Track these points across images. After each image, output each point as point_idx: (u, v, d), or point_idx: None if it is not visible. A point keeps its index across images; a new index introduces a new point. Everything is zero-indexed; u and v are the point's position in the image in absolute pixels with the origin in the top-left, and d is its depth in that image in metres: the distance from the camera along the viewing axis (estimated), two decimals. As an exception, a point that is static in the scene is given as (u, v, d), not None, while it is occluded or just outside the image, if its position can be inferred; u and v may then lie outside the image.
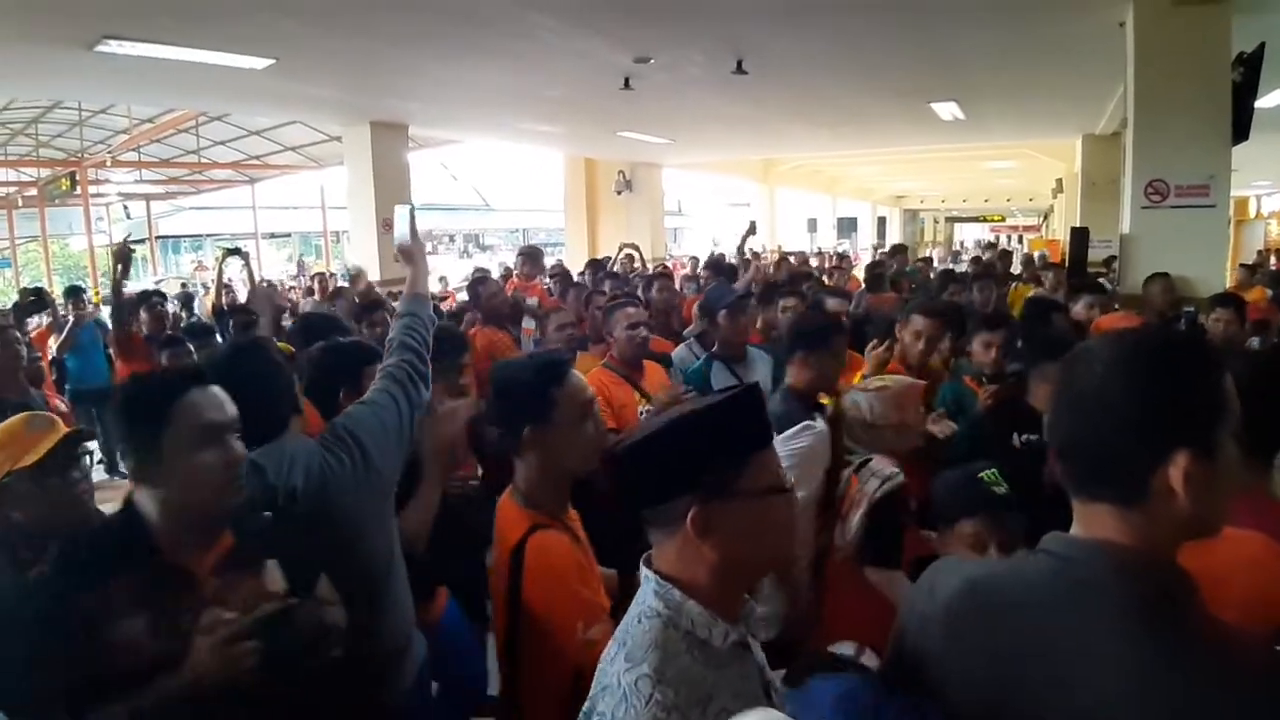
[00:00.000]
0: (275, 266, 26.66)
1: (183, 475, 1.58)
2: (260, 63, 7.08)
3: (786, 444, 2.34)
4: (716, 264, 8.25)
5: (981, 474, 2.21)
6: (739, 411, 1.22)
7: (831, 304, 4.96)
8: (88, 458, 2.18)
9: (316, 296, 9.18)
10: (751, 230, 7.52)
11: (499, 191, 32.33)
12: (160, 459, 1.58)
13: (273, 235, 30.15)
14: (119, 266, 5.10)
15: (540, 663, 1.89)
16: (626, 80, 8.06)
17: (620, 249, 8.52)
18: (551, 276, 7.97)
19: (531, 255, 7.26)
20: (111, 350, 6.11)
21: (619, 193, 15.89)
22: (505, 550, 1.93)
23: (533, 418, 1.96)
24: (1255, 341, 4.94)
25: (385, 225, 10.60)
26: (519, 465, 2.03)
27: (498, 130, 13.08)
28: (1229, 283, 8.33)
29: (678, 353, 4.69)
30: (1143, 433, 1.03)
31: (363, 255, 10.64)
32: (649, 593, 1.22)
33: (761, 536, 1.22)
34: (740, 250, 7.98)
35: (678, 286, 7.61)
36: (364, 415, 2.18)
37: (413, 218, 2.43)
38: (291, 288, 15.67)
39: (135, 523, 1.61)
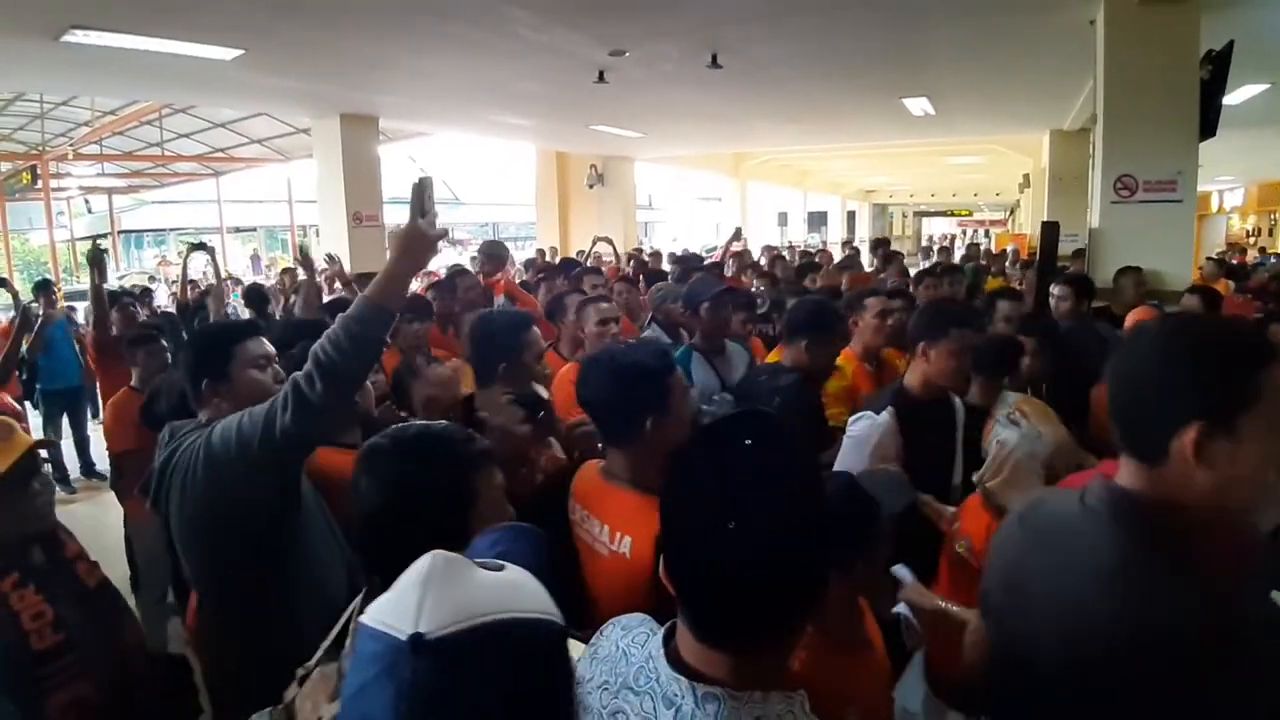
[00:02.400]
0: (240, 261, 26.33)
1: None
2: (229, 53, 6.97)
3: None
4: (685, 260, 8.24)
5: None
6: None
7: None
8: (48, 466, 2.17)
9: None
10: (737, 236, 7.63)
11: (468, 185, 32.13)
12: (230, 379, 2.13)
13: (238, 229, 29.73)
14: (95, 270, 5.12)
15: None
16: (601, 74, 8.05)
17: (594, 242, 8.52)
18: (530, 268, 7.89)
19: (492, 252, 7.22)
20: (89, 350, 6.06)
21: (591, 186, 15.85)
22: (646, 540, 1.87)
23: (655, 409, 1.97)
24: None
25: (356, 219, 10.50)
26: (627, 454, 2.03)
27: (470, 123, 12.98)
28: (1194, 277, 8.49)
29: (645, 337, 4.72)
30: (1164, 402, 1.19)
31: (334, 250, 10.51)
32: (730, 711, 0.97)
33: (1244, 478, 1.12)
34: (726, 250, 8.06)
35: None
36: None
37: (430, 191, 1.93)
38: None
39: None
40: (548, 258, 12.20)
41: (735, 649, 0.98)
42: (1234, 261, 13.64)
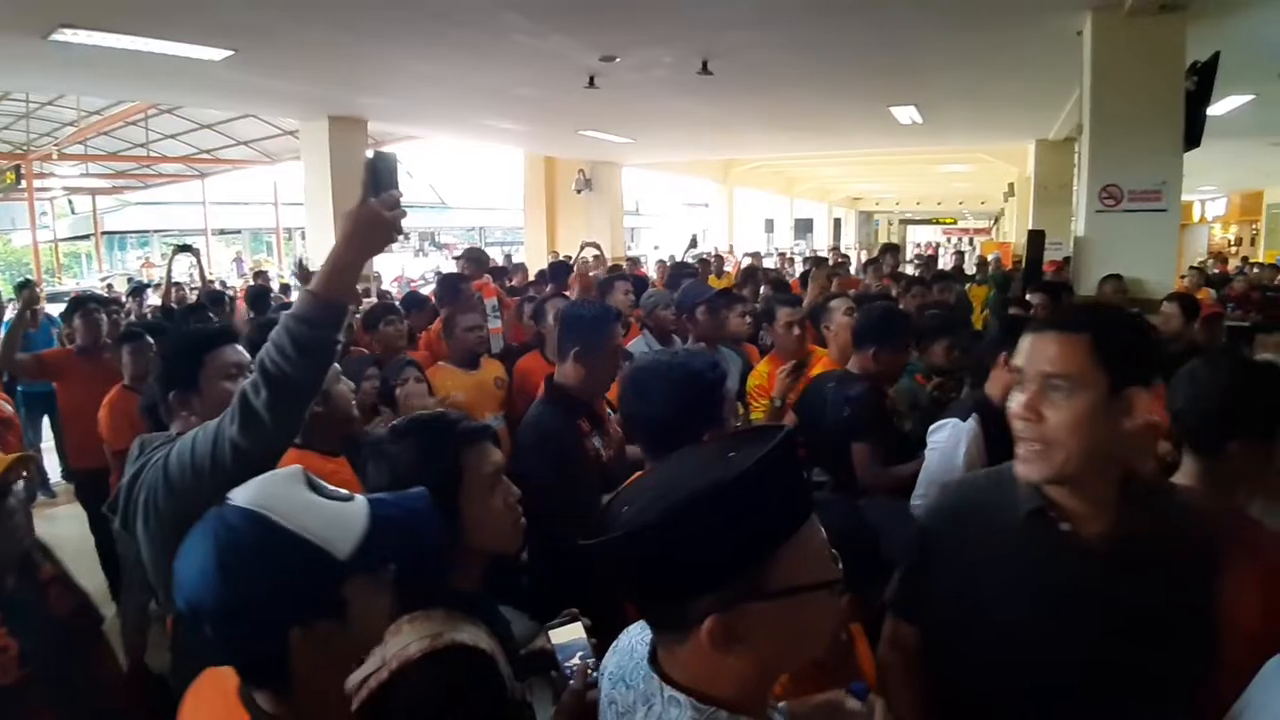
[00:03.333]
0: (223, 264, 26.18)
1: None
2: (219, 54, 6.94)
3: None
4: (677, 269, 8.25)
5: None
6: (769, 484, 0.92)
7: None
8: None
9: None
10: (693, 243, 7.66)
11: (455, 189, 32.06)
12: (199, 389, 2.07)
13: (222, 232, 29.58)
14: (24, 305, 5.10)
15: None
16: (591, 79, 8.07)
17: (581, 247, 8.51)
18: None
19: (475, 257, 7.24)
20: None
21: (579, 191, 15.83)
22: None
23: (713, 420, 1.99)
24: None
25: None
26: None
27: (460, 127, 12.98)
28: (1177, 285, 8.59)
29: (634, 344, 4.74)
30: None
31: (321, 254, 10.46)
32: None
33: (800, 640, 0.98)
34: (684, 258, 8.08)
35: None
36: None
37: (392, 170, 1.69)
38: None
39: None
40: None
41: (668, 642, 1.00)
42: (1216, 270, 13.80)
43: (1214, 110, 6.60)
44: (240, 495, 1.09)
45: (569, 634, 1.63)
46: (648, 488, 1.02)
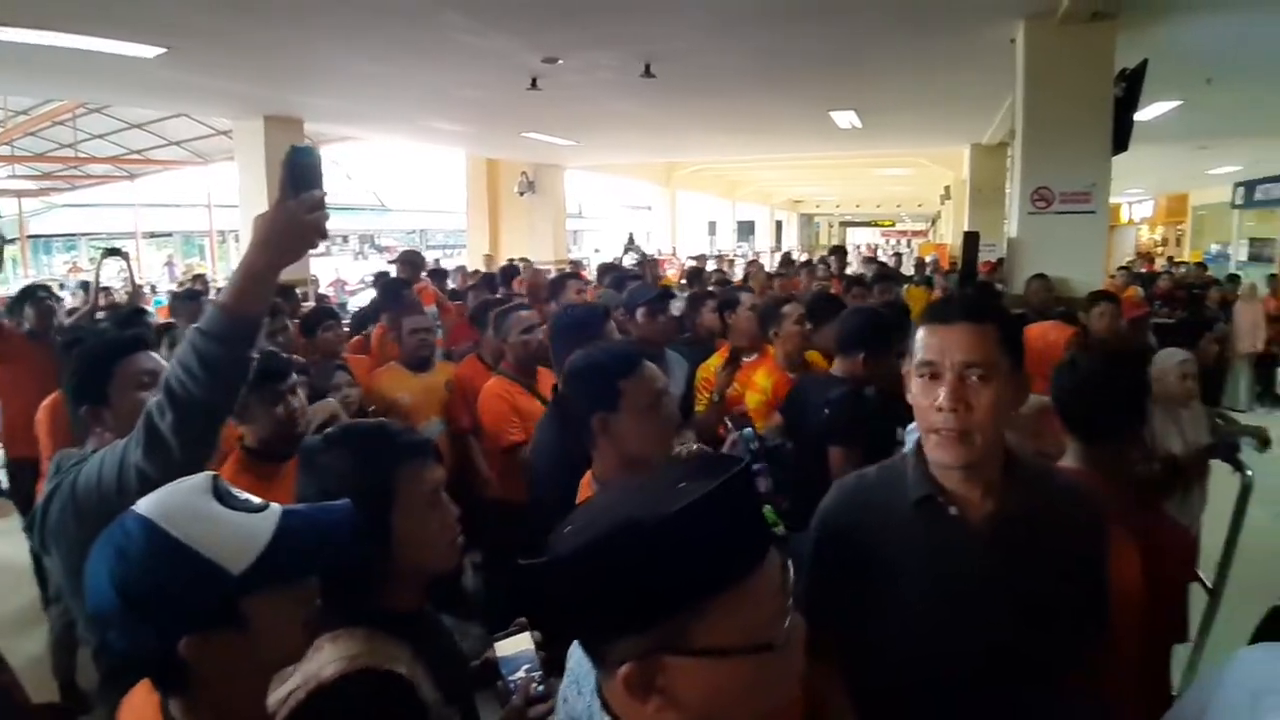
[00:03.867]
0: (154, 268, 25.45)
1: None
2: (151, 51, 6.75)
3: None
4: (604, 270, 8.27)
5: None
6: (700, 530, 0.80)
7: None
8: None
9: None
10: (630, 243, 7.71)
11: (396, 191, 31.68)
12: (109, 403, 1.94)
13: (153, 235, 28.76)
14: None
15: None
16: (534, 80, 8.02)
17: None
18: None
19: (410, 260, 7.19)
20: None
21: (521, 193, 15.75)
22: None
23: (604, 405, 1.96)
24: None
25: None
26: (595, 455, 2.04)
27: (400, 128, 12.81)
28: (1106, 284, 8.88)
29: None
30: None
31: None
32: None
33: (734, 704, 0.84)
34: (621, 260, 8.10)
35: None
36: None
37: (314, 167, 1.51)
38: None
39: None
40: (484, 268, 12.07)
41: (600, 675, 0.91)
42: (1143, 270, 14.28)
43: (1142, 116, 6.82)
44: (143, 503, 1.09)
45: (516, 645, 1.58)
46: (587, 511, 0.93)
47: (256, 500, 1.14)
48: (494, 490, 3.85)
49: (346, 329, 4.89)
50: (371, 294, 7.96)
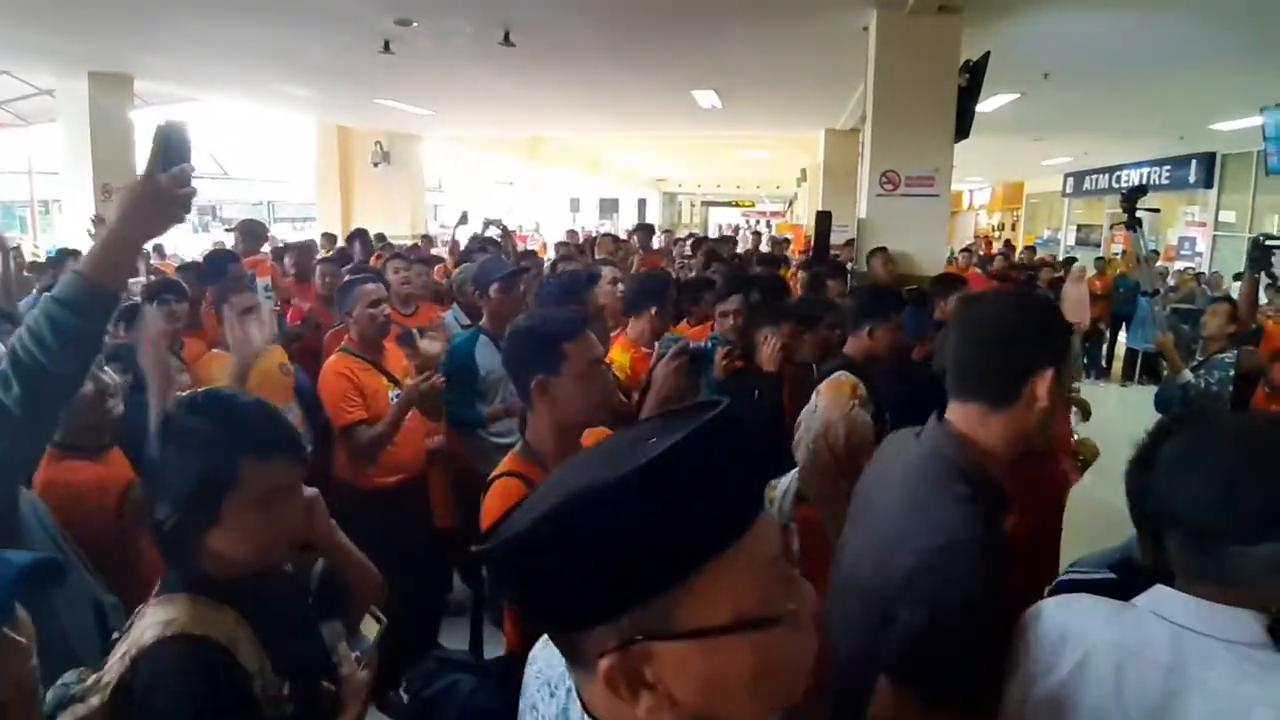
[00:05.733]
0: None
1: None
2: (-46, -1, 6.11)
3: None
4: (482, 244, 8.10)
5: None
6: (673, 489, 0.68)
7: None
8: None
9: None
10: (463, 219, 7.74)
11: (241, 160, 29.97)
12: None
13: (-32, 204, 26.29)
14: None
15: None
16: (386, 44, 7.67)
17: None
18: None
19: (250, 230, 6.80)
20: None
21: (375, 165, 15.18)
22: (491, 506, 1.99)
23: (544, 369, 1.99)
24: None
25: (105, 192, 9.42)
26: (530, 417, 2.07)
27: (242, 90, 12.06)
28: (951, 266, 9.33)
29: (446, 317, 4.74)
30: (1021, 352, 1.45)
31: (78, 229, 9.40)
32: None
33: (737, 692, 0.71)
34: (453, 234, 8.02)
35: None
36: None
37: (184, 142, 1.49)
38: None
39: None
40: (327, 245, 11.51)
41: (576, 674, 0.79)
42: (981, 253, 15.10)
43: (984, 107, 7.14)
44: None
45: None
46: (546, 484, 0.80)
47: None
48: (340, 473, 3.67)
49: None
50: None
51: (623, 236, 10.41)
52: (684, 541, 0.68)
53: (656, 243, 10.43)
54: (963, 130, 6.25)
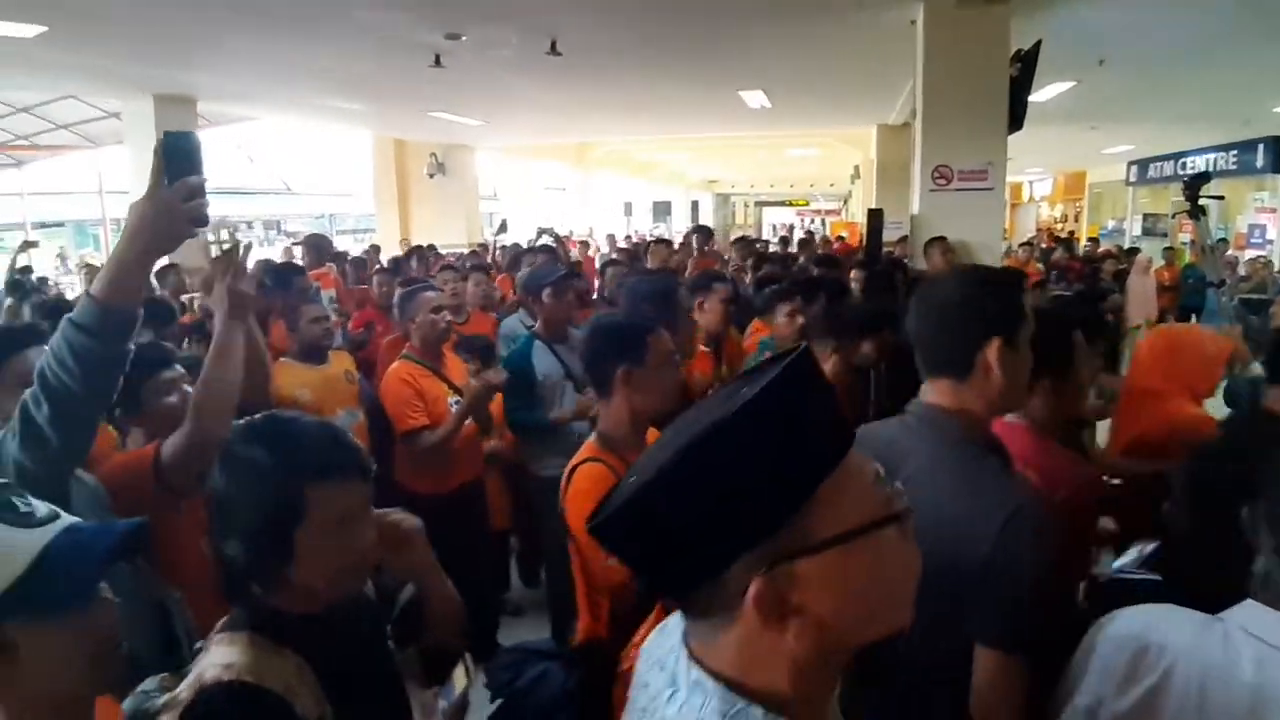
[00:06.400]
0: (46, 260, 24.15)
1: None
2: (29, 30, 6.42)
3: None
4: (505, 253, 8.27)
5: None
6: (787, 412, 0.75)
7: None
8: None
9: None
10: (502, 228, 7.78)
11: (301, 174, 30.65)
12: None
13: (43, 224, 27.28)
14: None
15: (580, 581, 2.19)
16: (437, 58, 7.83)
17: (538, 234, 8.07)
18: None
19: (315, 244, 6.99)
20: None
21: (431, 175, 15.44)
22: (565, 475, 2.20)
23: (628, 359, 2.18)
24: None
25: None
26: (604, 407, 2.27)
27: (299, 107, 12.39)
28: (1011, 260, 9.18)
29: (507, 322, 4.79)
30: (971, 325, 1.54)
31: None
32: (711, 711, 0.78)
33: (871, 601, 0.78)
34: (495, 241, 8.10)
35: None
36: None
37: (191, 152, 1.51)
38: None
39: None
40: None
41: (704, 630, 0.82)
42: (1043, 245, 14.79)
43: (1038, 96, 7.02)
44: None
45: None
46: (650, 452, 0.85)
47: (42, 511, 1.03)
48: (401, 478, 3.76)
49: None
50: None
51: (676, 240, 10.43)
52: (808, 452, 0.75)
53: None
54: (1016, 121, 6.15)
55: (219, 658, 1.28)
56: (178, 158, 1.46)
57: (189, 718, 1.21)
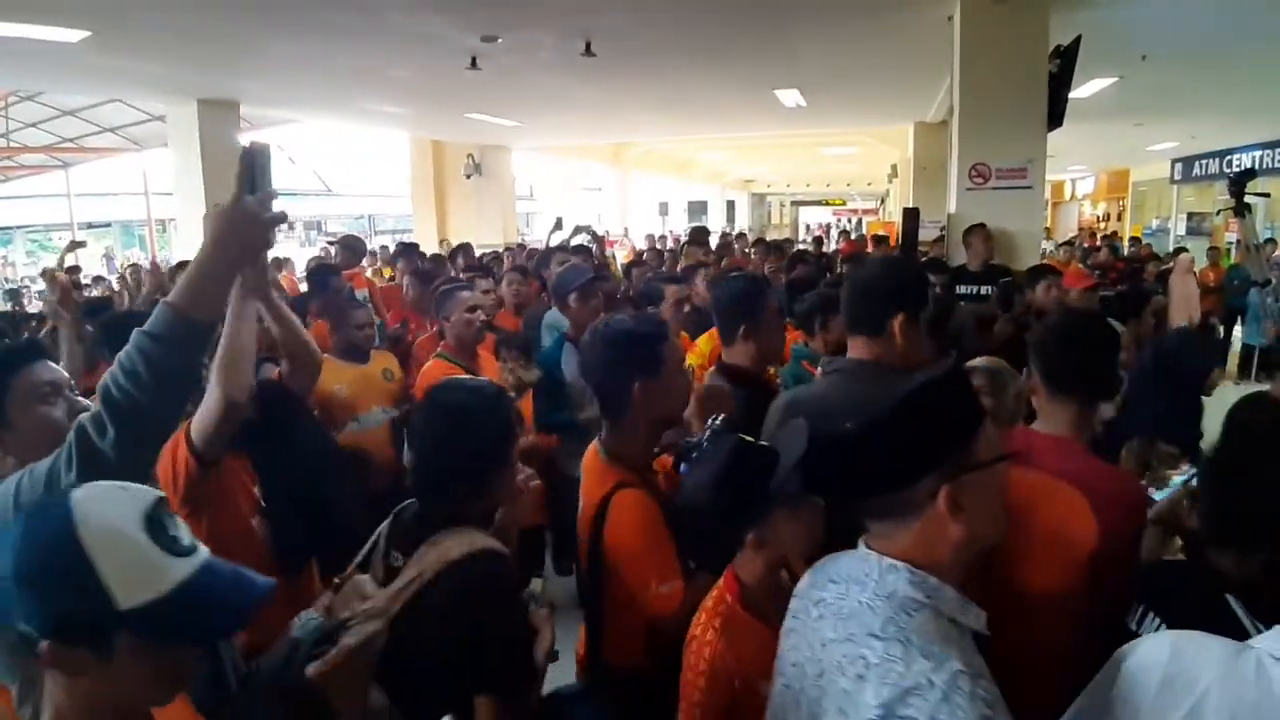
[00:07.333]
0: (93, 259, 24.68)
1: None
2: (74, 35, 6.55)
3: None
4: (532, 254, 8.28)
5: None
6: (962, 382, 1.26)
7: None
8: None
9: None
10: (557, 225, 7.72)
11: (341, 175, 31.04)
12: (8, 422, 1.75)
13: (90, 225, 27.89)
14: None
15: (617, 611, 2.06)
16: (473, 60, 7.90)
17: (574, 231, 8.11)
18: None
19: (350, 245, 7.07)
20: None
21: (468, 176, 15.56)
22: (591, 504, 2.05)
23: (644, 371, 2.05)
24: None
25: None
26: (616, 425, 2.13)
27: (338, 110, 12.57)
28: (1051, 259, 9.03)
29: (550, 315, 4.74)
30: (886, 301, 2.12)
31: (192, 247, 9.93)
32: (901, 582, 1.19)
33: (996, 506, 1.23)
34: (548, 240, 8.09)
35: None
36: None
37: (267, 163, 1.49)
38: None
39: None
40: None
41: (884, 531, 1.25)
42: (1085, 245, 14.54)
43: (1080, 93, 6.90)
44: (82, 493, 1.03)
45: None
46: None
47: (187, 541, 1.06)
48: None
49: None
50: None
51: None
52: (974, 407, 1.24)
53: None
54: (1056, 118, 6.06)
55: (456, 544, 1.67)
56: (258, 168, 1.46)
57: (459, 575, 1.62)
